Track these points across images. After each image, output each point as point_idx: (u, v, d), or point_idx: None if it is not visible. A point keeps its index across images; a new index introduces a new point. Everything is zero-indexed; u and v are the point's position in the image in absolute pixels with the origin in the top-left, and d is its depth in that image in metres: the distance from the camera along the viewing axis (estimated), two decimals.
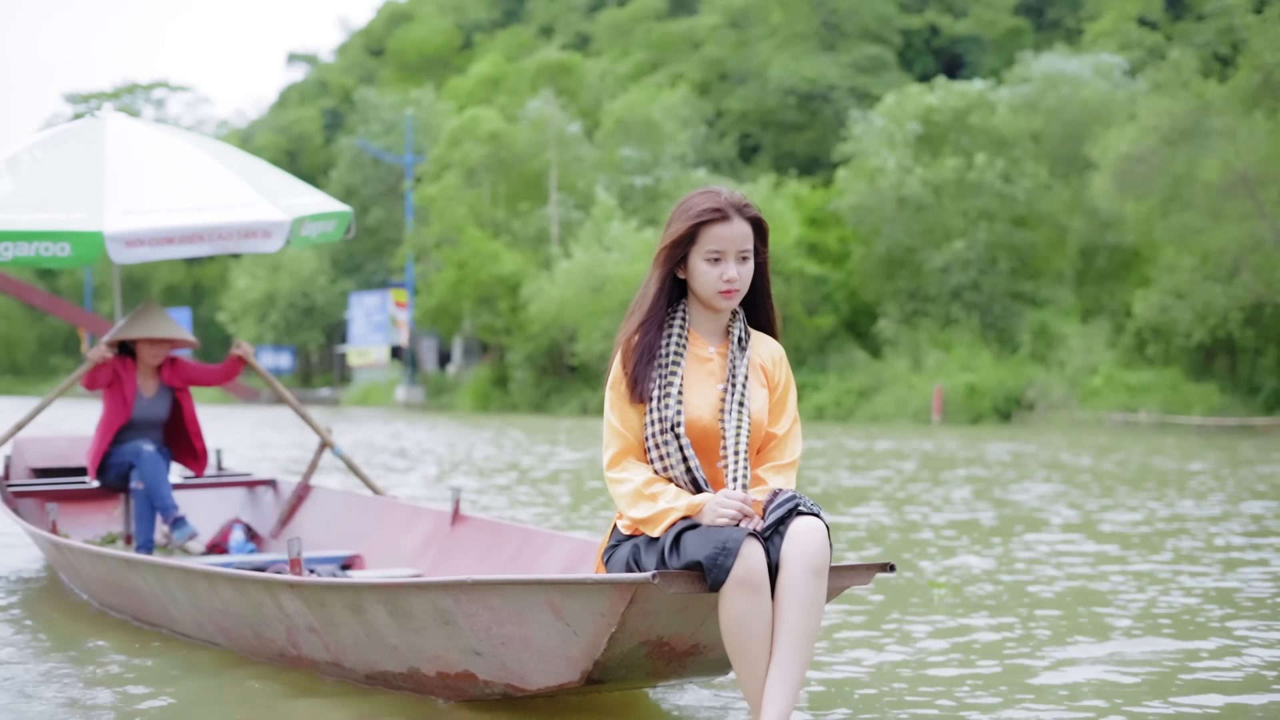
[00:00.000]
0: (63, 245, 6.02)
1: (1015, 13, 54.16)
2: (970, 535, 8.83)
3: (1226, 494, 12.16)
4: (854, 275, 38.21)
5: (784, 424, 3.76)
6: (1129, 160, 30.25)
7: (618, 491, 3.66)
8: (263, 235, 6.35)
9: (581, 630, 3.56)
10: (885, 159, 36.55)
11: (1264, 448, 21.07)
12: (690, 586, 3.42)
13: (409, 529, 6.28)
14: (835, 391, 35.28)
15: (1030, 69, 39.31)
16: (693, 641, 3.70)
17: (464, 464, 16.16)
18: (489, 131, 45.95)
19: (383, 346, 56.78)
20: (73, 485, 7.20)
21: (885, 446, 20.40)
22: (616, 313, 37.69)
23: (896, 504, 11.00)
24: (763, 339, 3.85)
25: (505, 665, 3.82)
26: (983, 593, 6.40)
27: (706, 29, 55.23)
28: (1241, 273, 29.55)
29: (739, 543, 3.38)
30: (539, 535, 5.44)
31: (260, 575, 4.51)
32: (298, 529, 6.96)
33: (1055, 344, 34.57)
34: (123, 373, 6.65)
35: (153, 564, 5.14)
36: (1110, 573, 7.06)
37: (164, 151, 6.76)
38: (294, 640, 4.55)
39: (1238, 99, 29.41)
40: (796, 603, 3.42)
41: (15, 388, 71.60)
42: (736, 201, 3.69)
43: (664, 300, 3.74)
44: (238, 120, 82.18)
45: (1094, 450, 19.76)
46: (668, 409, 3.63)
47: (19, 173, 6.36)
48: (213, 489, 7.42)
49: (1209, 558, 7.77)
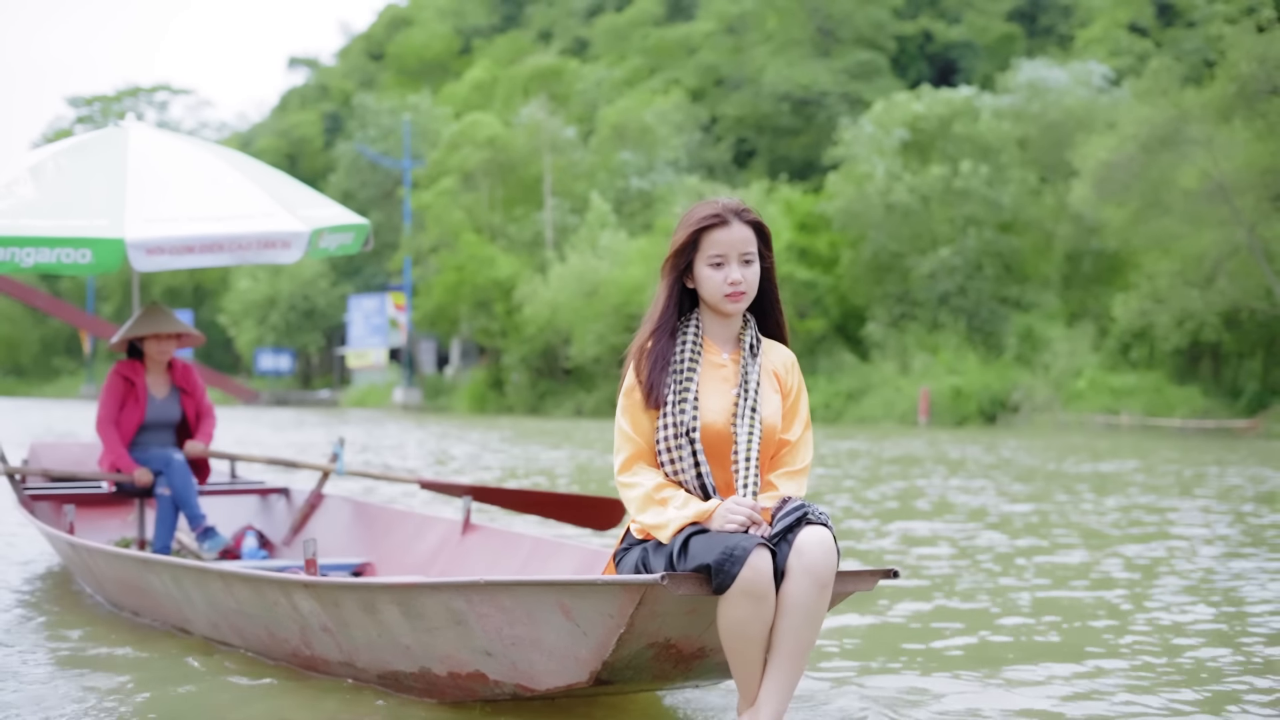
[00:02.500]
0: (84, 252, 6.04)
1: (1008, 19, 54.67)
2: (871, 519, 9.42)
3: (1133, 488, 12.75)
4: (843, 279, 38.73)
5: (796, 430, 3.82)
6: (1108, 167, 30.82)
7: (628, 496, 3.73)
8: (282, 246, 6.38)
9: (591, 631, 3.62)
10: (874, 165, 37.12)
11: (1229, 448, 21.64)
12: (698, 589, 3.49)
13: (420, 537, 6.33)
14: (824, 394, 35.80)
15: (1015, 77, 39.95)
16: (699, 644, 3.76)
17: (466, 466, 16.66)
18: (486, 136, 46.56)
19: (381, 349, 57.30)
20: (88, 490, 7.20)
21: (844, 446, 20.94)
22: (610, 316, 38.26)
23: (815, 496, 11.61)
24: (775, 346, 3.91)
25: (515, 665, 3.88)
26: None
27: (702, 35, 55.78)
28: (1218, 278, 30.12)
29: (748, 550, 3.44)
30: (548, 544, 5.47)
31: (276, 575, 4.57)
32: (310, 537, 7.05)
33: (1040, 347, 35.12)
34: (133, 376, 6.71)
35: (169, 564, 5.21)
36: (974, 550, 7.67)
37: (185, 161, 6.80)
38: (308, 640, 4.60)
39: (1215, 108, 29.98)
40: (800, 615, 3.49)
41: (18, 389, 72.15)
42: (735, 207, 3.77)
43: (674, 308, 3.81)
44: (239, 123, 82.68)
45: (1055, 450, 20.41)
46: (684, 414, 3.70)
47: (43, 180, 6.39)
48: (226, 496, 7.46)
49: (1064, 538, 8.68)
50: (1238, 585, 6.85)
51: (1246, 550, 8.41)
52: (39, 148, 7.00)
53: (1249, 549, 8.47)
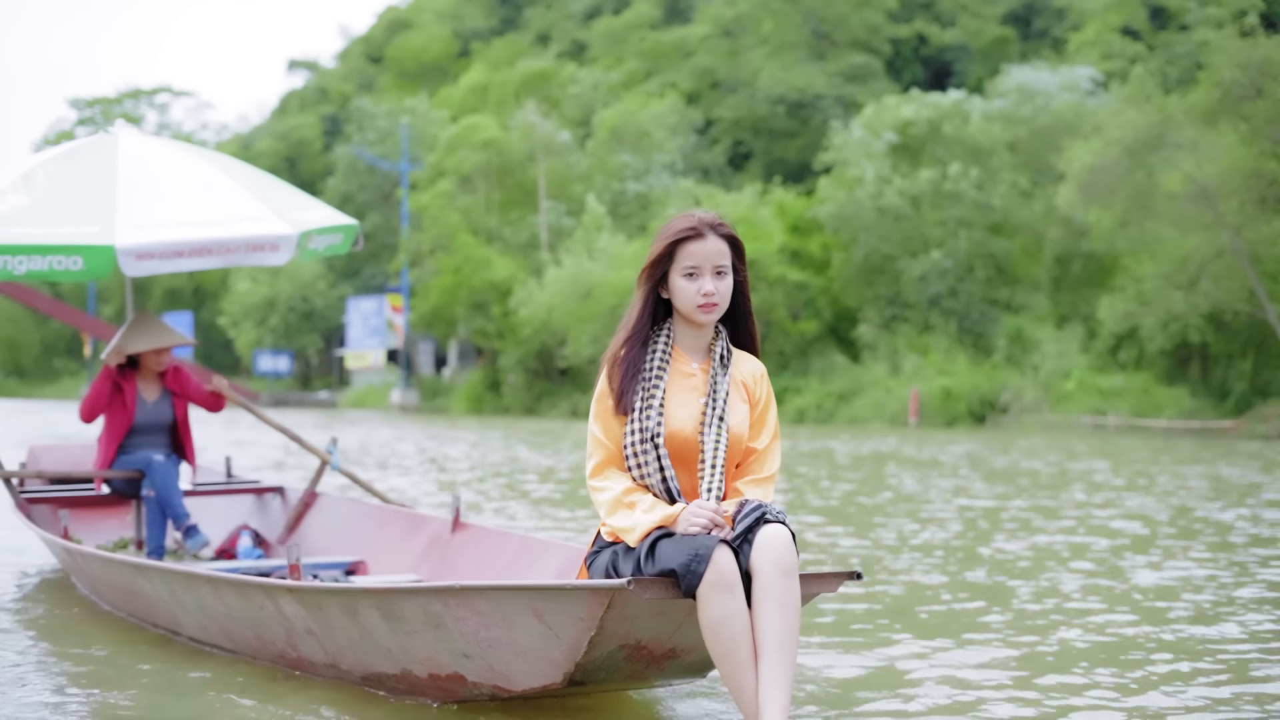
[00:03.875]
0: (75, 259, 6.10)
1: (1002, 22, 55.03)
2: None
3: (1084, 488, 13.12)
4: (835, 281, 39.04)
5: (764, 439, 3.93)
6: (1093, 171, 31.20)
7: (598, 499, 3.86)
8: (270, 249, 6.46)
9: (563, 633, 3.71)
10: (864, 169, 37.48)
11: (1205, 448, 21.98)
12: (664, 592, 3.60)
13: (411, 536, 6.44)
14: (816, 395, 36.09)
15: (1006, 82, 40.35)
16: (670, 645, 3.85)
17: (461, 465, 17.00)
18: (483, 139, 46.95)
19: (380, 350, 57.65)
20: (86, 492, 7.32)
21: (816, 446, 21.30)
22: (604, 318, 38.59)
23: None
24: (745, 357, 4.02)
25: (492, 667, 3.98)
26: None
27: (698, 38, 56.14)
28: (1202, 281, 30.49)
29: (710, 549, 3.55)
30: (536, 542, 5.60)
31: (261, 580, 4.67)
32: (304, 535, 7.13)
33: (1030, 349, 35.45)
34: (122, 382, 6.82)
35: (159, 569, 5.29)
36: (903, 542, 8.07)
37: (175, 167, 6.88)
38: (293, 643, 4.70)
39: (1199, 113, 30.36)
40: (774, 603, 3.56)
41: (19, 390, 72.53)
42: (710, 220, 3.88)
43: (647, 317, 3.92)
44: (240, 125, 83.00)
45: (1025, 450, 20.80)
46: (649, 420, 3.82)
47: (34, 188, 6.45)
48: (222, 495, 7.60)
49: (990, 528, 9.21)
50: (1139, 579, 7.24)
51: (1162, 543, 8.84)
52: (33, 154, 7.05)
53: (1165, 542, 8.86)
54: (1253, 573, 7.44)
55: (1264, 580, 7.16)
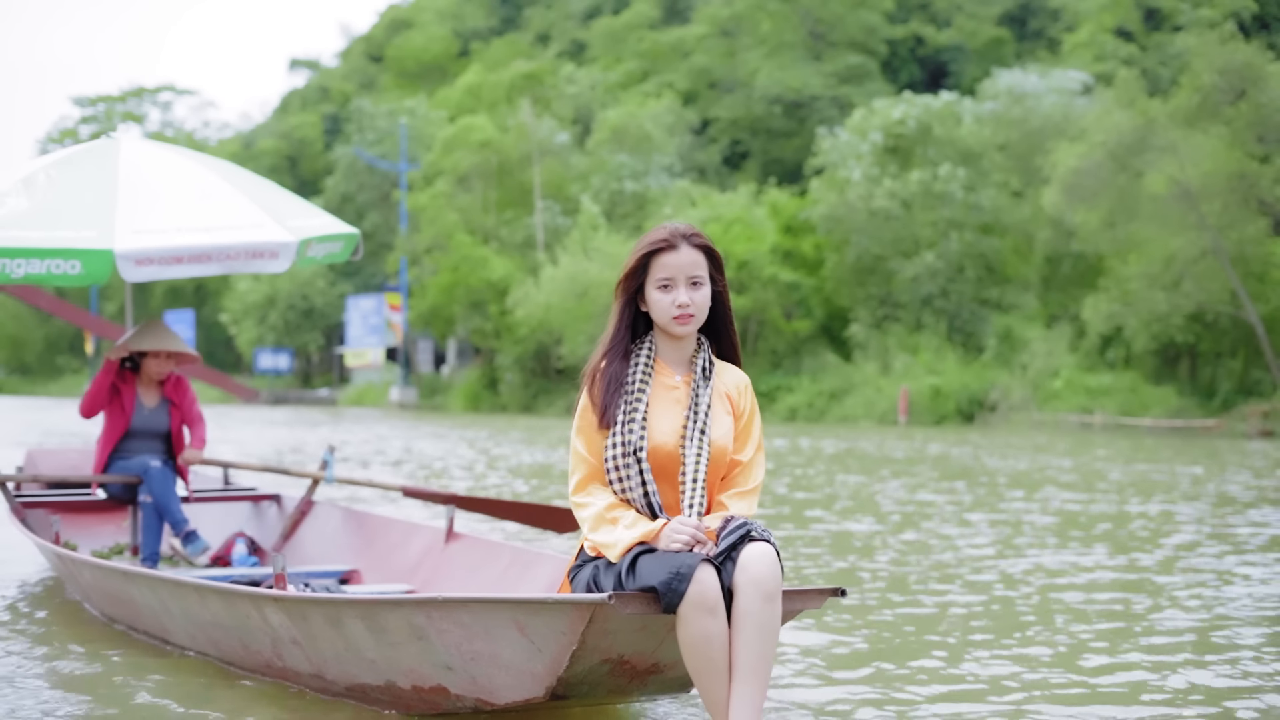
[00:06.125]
0: (73, 263, 6.07)
1: (998, 23, 55.38)
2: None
3: (1037, 484, 13.55)
4: (828, 282, 39.43)
5: (748, 451, 3.87)
6: (1077, 174, 31.61)
7: (581, 515, 3.81)
8: (269, 256, 6.43)
9: (545, 647, 3.69)
10: (852, 171, 37.86)
11: (1181, 447, 22.36)
12: (645, 608, 3.55)
13: (405, 545, 6.44)
14: (807, 394, 36.47)
15: (996, 85, 40.75)
16: (653, 660, 3.82)
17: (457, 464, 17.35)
18: (480, 140, 47.35)
19: (379, 348, 58.04)
20: (82, 497, 7.30)
21: (782, 445, 21.69)
22: (600, 318, 38.98)
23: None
24: (728, 368, 3.95)
25: (475, 680, 3.95)
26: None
27: (696, 38, 56.49)
28: (1184, 281, 30.91)
29: (692, 568, 3.50)
30: (527, 553, 5.59)
31: (246, 590, 4.66)
32: (299, 544, 7.12)
33: (1019, 348, 35.84)
34: (121, 385, 6.84)
35: (148, 576, 5.27)
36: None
37: (175, 173, 6.84)
38: (279, 652, 4.68)
39: (1182, 115, 30.77)
40: (752, 628, 3.52)
41: (22, 387, 73.05)
42: (684, 231, 3.85)
43: (626, 331, 3.89)
44: (243, 123, 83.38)
45: (998, 449, 21.22)
46: (631, 434, 3.77)
47: (34, 191, 6.42)
48: (218, 502, 7.57)
49: (923, 521, 9.82)
50: (1071, 570, 7.67)
51: (1097, 533, 9.34)
52: (36, 156, 7.33)
53: (1098, 539, 9.24)
54: (1114, 562, 8.07)
55: (1113, 564, 7.87)
